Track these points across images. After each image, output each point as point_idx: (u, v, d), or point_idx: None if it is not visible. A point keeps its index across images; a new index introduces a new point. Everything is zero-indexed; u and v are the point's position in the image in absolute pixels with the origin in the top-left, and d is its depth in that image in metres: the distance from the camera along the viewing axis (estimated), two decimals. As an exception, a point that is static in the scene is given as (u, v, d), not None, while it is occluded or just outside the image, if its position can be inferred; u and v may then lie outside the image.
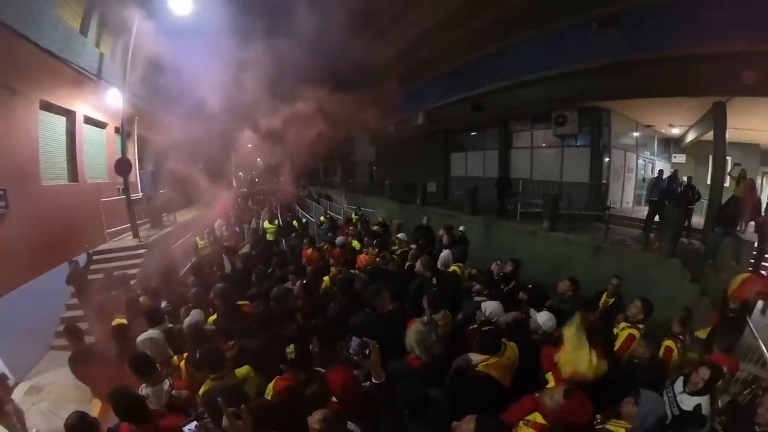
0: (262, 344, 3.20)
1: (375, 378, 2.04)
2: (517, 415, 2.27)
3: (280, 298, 3.93)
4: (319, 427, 1.81)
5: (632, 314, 3.81)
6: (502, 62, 14.31)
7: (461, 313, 3.82)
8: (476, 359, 2.65)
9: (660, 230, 8.51)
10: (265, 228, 10.89)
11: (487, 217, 12.01)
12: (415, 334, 2.59)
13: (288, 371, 2.46)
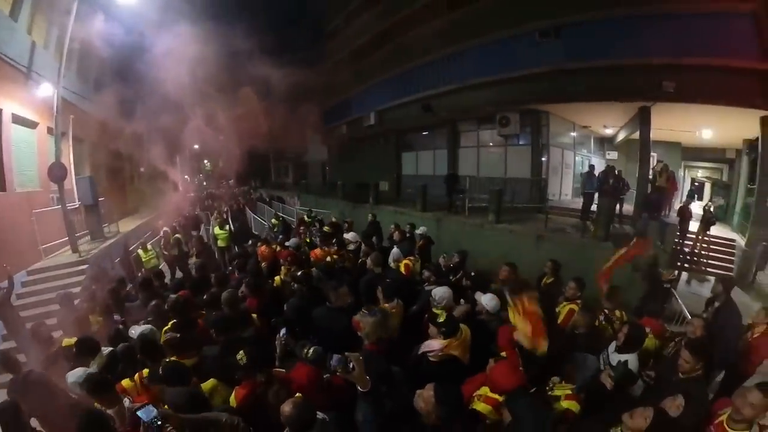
0: (221, 350, 3.12)
1: (361, 387, 2.02)
2: (470, 390, 2.43)
3: (232, 301, 3.80)
4: (289, 412, 1.90)
5: (569, 293, 4.20)
6: (451, 66, 14.99)
7: (417, 303, 4.01)
8: (439, 345, 2.80)
9: (595, 218, 9.39)
10: (216, 234, 10.26)
11: (437, 213, 12.37)
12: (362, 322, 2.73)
13: (245, 377, 2.45)
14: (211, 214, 18.50)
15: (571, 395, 2.45)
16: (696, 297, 7.69)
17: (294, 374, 2.44)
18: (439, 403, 1.91)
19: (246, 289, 4.23)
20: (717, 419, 2.32)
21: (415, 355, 2.89)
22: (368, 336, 2.75)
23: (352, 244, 7.09)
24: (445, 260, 5.81)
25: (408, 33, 16.80)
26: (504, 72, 12.91)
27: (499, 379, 2.21)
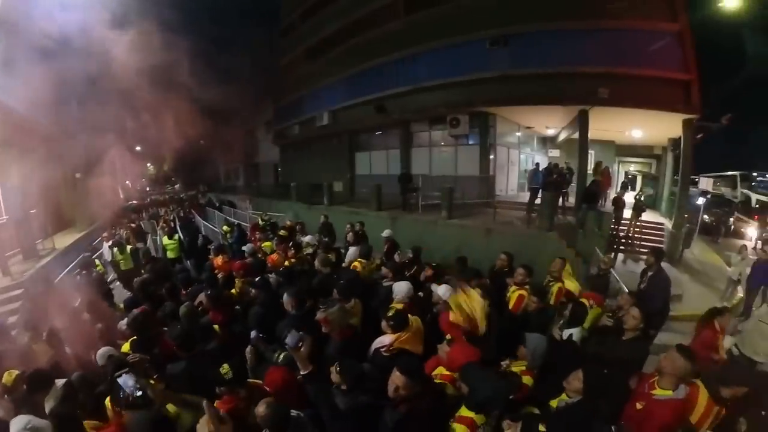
0: (186, 365, 2.93)
1: (302, 369, 2.31)
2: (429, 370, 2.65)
3: (190, 314, 3.68)
4: (263, 412, 1.97)
5: (518, 279, 4.46)
6: (405, 68, 15.26)
7: (375, 299, 4.11)
8: (390, 339, 2.91)
9: (539, 210, 10.09)
10: (165, 245, 9.37)
11: (392, 212, 12.50)
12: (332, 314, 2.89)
13: (227, 392, 2.39)
14: (158, 223, 17.15)
15: (525, 371, 2.66)
16: (631, 274, 8.71)
17: (268, 379, 2.49)
18: (405, 374, 2.06)
19: (207, 302, 3.99)
20: (650, 380, 2.53)
21: (372, 351, 2.99)
22: (334, 325, 2.91)
23: (310, 246, 6.93)
24: (400, 256, 6.02)
25: (364, 33, 16.85)
26: (456, 75, 13.56)
27: (457, 357, 2.49)
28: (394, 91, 15.43)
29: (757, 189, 18.48)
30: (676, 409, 2.35)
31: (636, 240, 11.47)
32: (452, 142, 14.90)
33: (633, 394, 2.54)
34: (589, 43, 11.27)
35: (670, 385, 2.39)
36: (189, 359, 2.95)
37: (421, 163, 15.46)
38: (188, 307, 3.74)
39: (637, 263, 10.20)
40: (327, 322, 2.98)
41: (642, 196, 12.48)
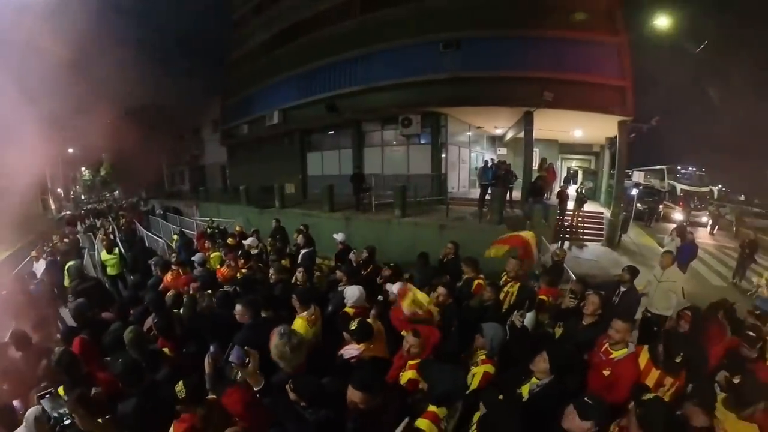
0: (138, 401, 2.54)
1: (254, 385, 2.19)
2: (394, 375, 2.74)
3: (138, 341, 3.17)
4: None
5: (467, 273, 4.77)
6: (357, 67, 15.10)
7: (330, 304, 4.07)
8: (356, 350, 2.91)
9: (489, 205, 10.58)
10: (104, 260, 8.19)
11: (345, 212, 12.30)
12: (274, 349, 2.59)
13: (184, 410, 2.25)
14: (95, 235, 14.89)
15: (486, 360, 2.75)
16: (576, 260, 10.15)
17: (226, 400, 2.27)
18: (360, 389, 2.01)
19: (156, 331, 3.48)
20: (603, 347, 2.91)
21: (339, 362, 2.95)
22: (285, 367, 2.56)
23: (253, 249, 6.69)
24: (355, 256, 6.01)
25: (318, 31, 16.47)
26: (409, 76, 13.72)
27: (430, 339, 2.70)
28: (346, 91, 15.26)
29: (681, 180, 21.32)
30: (636, 358, 2.80)
31: (579, 229, 12.62)
32: (404, 142, 14.99)
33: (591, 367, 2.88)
34: (536, 49, 12.10)
35: (622, 347, 2.80)
36: (139, 394, 2.57)
37: (373, 162, 15.37)
38: (134, 332, 3.21)
39: (581, 249, 11.57)
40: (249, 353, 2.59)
41: (583, 189, 13.73)
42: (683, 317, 3.70)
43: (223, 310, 3.84)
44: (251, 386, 2.25)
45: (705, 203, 19.72)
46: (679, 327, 3.67)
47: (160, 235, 14.20)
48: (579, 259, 10.50)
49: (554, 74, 11.81)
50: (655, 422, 1.96)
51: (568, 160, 19.74)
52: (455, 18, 12.94)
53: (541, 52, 12.01)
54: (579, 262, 10.14)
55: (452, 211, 11.42)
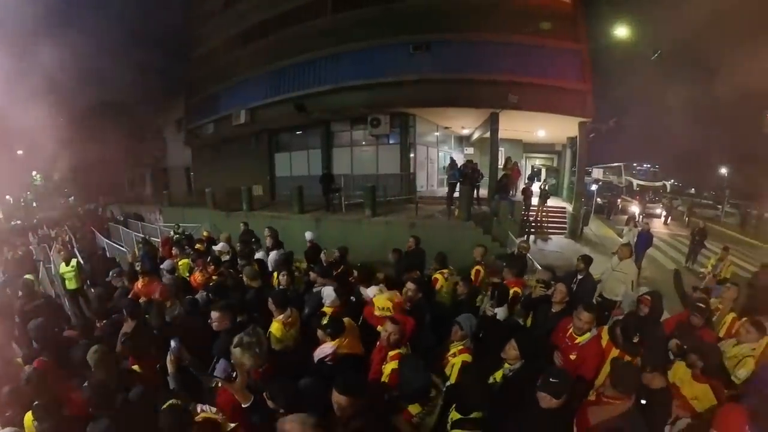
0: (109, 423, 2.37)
1: (242, 402, 2.11)
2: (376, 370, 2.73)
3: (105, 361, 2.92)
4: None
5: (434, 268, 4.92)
6: (327, 67, 14.91)
7: (306, 306, 4.02)
8: (331, 348, 2.89)
9: (458, 203, 10.94)
10: (62, 274, 7.59)
11: (315, 213, 12.22)
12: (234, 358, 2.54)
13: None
14: (50, 247, 13.67)
15: (463, 349, 2.88)
16: (541, 252, 10.87)
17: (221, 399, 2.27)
18: (344, 393, 1.97)
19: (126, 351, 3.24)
20: (567, 332, 3.11)
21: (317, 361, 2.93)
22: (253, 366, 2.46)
23: (224, 254, 6.41)
24: (326, 256, 5.96)
25: (288, 28, 16.09)
26: (378, 77, 13.77)
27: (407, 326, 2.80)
28: (315, 90, 15.02)
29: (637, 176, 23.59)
30: (599, 341, 3.04)
31: (543, 223, 13.35)
32: (373, 142, 15.01)
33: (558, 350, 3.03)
34: (502, 54, 12.72)
35: (583, 333, 3.01)
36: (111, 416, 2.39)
37: (342, 162, 15.31)
38: (99, 352, 2.95)
39: (546, 242, 12.31)
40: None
41: (546, 185, 14.41)
42: (643, 301, 4.00)
43: (194, 318, 3.74)
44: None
45: (659, 197, 21.81)
46: (639, 311, 3.95)
47: (121, 243, 13.42)
48: (544, 251, 11.13)
49: (519, 78, 12.45)
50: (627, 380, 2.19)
51: (532, 158, 20.76)
52: (425, 21, 13.20)
53: (507, 57, 12.65)
54: (544, 254, 10.76)
55: (421, 209, 11.68)
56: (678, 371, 2.73)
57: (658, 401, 2.40)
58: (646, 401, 2.28)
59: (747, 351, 3.12)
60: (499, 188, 11.45)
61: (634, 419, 2.14)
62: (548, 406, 2.06)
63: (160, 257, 7.34)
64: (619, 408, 2.17)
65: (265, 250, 6.67)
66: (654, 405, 2.36)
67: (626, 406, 2.16)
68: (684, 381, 2.66)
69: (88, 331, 3.89)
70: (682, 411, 2.53)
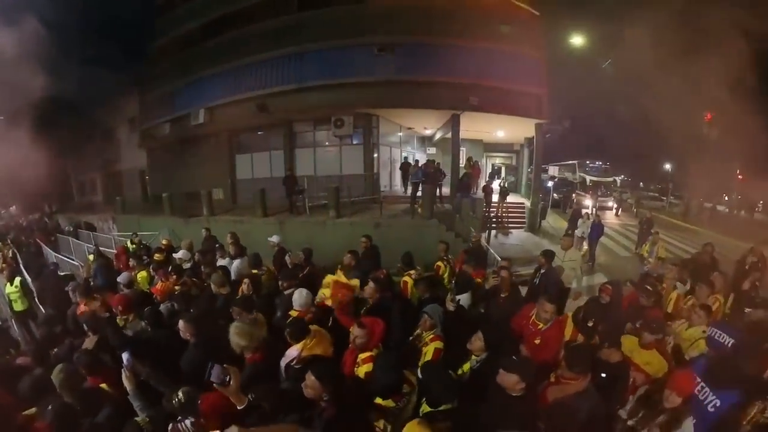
0: None
1: (237, 404, 2.12)
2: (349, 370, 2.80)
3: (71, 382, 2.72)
4: None
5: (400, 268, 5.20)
6: (290, 66, 14.64)
7: (278, 309, 4.01)
8: (297, 351, 2.91)
9: (421, 202, 11.27)
10: (8, 294, 6.90)
11: (279, 216, 12.03)
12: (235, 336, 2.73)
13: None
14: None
15: (434, 337, 3.05)
16: (502, 246, 11.52)
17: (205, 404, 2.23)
18: (320, 379, 2.06)
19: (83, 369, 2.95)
20: (530, 319, 3.37)
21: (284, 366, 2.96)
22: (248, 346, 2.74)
23: (186, 263, 6.22)
24: (291, 258, 5.93)
25: (251, 24, 15.54)
26: (342, 77, 13.79)
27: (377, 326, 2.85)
28: (278, 89, 14.73)
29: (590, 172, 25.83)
30: (561, 324, 3.37)
31: (504, 218, 14.22)
32: (337, 142, 14.96)
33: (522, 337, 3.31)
34: (465, 58, 13.16)
35: (545, 321, 3.27)
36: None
37: (305, 163, 15.08)
38: (64, 372, 2.72)
39: (507, 236, 13.16)
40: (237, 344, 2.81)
41: (506, 183, 15.75)
42: (604, 290, 4.43)
43: (156, 330, 3.58)
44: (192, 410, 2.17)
45: (610, 191, 24.07)
46: (601, 299, 4.34)
47: (72, 256, 12.49)
48: (505, 245, 11.76)
49: (480, 81, 13.13)
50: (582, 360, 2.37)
51: (492, 157, 21.95)
52: (391, 23, 13.42)
53: (469, 61, 13.14)
54: (505, 247, 11.35)
55: (386, 209, 11.85)
56: (626, 343, 3.02)
57: (617, 373, 2.68)
58: (606, 374, 2.49)
59: (698, 334, 3.46)
60: (460, 186, 11.85)
61: (588, 395, 2.32)
62: (501, 383, 2.21)
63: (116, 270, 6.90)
64: (575, 387, 2.35)
65: (229, 257, 6.45)
66: (614, 377, 2.61)
67: (582, 384, 2.34)
68: (633, 351, 2.99)
69: (40, 357, 3.56)
70: (638, 375, 2.85)
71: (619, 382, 2.66)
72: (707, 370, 2.56)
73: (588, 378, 2.36)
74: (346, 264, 5.43)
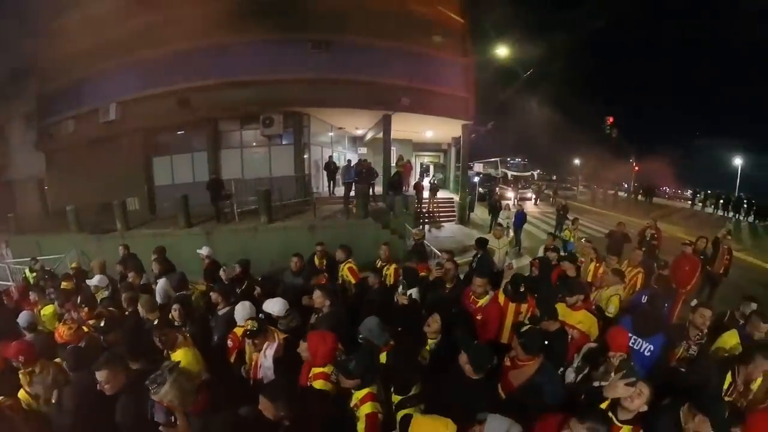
0: None
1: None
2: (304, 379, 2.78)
3: None
4: None
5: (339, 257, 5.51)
6: (214, 58, 13.51)
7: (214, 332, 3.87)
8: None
9: (355, 201, 11.56)
10: None
11: (205, 225, 11.19)
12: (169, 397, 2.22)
13: None
14: None
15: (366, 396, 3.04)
16: (436, 239, 12.22)
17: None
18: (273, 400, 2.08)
19: None
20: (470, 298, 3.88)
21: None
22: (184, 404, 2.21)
23: (103, 290, 5.47)
24: (226, 273, 5.37)
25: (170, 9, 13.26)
26: (273, 73, 13.19)
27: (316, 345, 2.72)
28: (201, 84, 13.53)
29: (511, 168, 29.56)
30: (497, 300, 3.74)
31: (435, 213, 15.33)
32: (265, 143, 14.35)
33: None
34: (398, 60, 13.72)
35: (484, 295, 3.80)
36: None
37: (232, 166, 14.22)
38: None
39: (439, 230, 14.12)
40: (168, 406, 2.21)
41: (435, 180, 17.19)
42: (534, 264, 5.33)
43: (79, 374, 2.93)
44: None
45: (529, 183, 27.26)
46: (531, 272, 5.22)
47: None
48: (438, 238, 12.59)
49: (411, 83, 13.69)
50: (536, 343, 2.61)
51: (421, 156, 23.26)
52: (326, 20, 13.10)
53: (402, 63, 13.69)
54: (439, 240, 12.16)
55: (320, 210, 11.81)
56: (560, 309, 3.42)
57: (557, 338, 3.05)
58: (548, 342, 2.78)
59: (612, 292, 4.39)
60: (392, 185, 12.33)
61: (548, 371, 2.62)
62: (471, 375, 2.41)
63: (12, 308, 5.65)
64: (533, 367, 2.60)
65: (154, 277, 5.80)
66: (555, 342, 2.95)
67: (538, 363, 2.60)
68: (566, 314, 3.44)
69: None
70: (574, 332, 3.36)
71: (558, 345, 3.01)
72: (634, 324, 3.20)
73: (541, 357, 2.63)
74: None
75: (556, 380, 2.70)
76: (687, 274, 5.51)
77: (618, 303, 4.26)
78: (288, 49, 13.31)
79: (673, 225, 15.59)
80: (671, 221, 16.78)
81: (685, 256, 6.04)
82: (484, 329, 3.50)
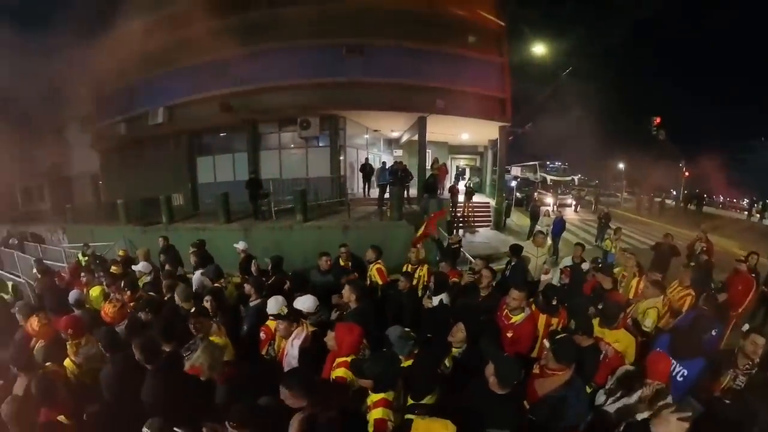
0: None
1: None
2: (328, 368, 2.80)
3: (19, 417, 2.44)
4: None
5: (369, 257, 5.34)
6: (255, 65, 14.05)
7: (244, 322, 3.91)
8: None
9: (389, 204, 11.46)
10: None
11: (244, 222, 11.55)
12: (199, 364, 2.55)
13: None
14: None
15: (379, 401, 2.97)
16: (470, 244, 11.84)
17: None
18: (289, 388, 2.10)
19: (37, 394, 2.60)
20: (503, 312, 3.53)
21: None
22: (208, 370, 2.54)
23: (146, 275, 5.74)
24: (257, 265, 5.62)
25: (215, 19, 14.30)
26: (309, 77, 13.62)
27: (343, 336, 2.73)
28: (242, 89, 14.19)
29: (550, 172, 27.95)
30: (533, 319, 3.45)
31: (470, 217, 14.82)
32: (303, 144, 14.67)
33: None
34: (432, 62, 13.60)
35: (519, 312, 3.41)
36: None
37: (270, 166, 14.71)
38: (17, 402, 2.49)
39: (473, 235, 13.73)
40: (198, 371, 2.53)
41: (471, 183, 15.82)
42: (564, 272, 4.92)
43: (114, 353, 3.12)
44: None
45: (569, 189, 25.59)
46: (561, 280, 4.83)
47: (17, 272, 11.32)
48: (473, 243, 12.21)
49: (446, 85, 13.56)
50: (569, 353, 2.45)
51: (457, 159, 22.66)
52: (360, 25, 13.44)
53: (436, 65, 13.56)
54: (473, 245, 11.78)
55: (354, 211, 11.83)
56: (597, 326, 3.22)
57: (588, 356, 2.85)
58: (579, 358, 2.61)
59: (651, 304, 3.96)
60: (427, 188, 12.15)
61: (576, 385, 2.45)
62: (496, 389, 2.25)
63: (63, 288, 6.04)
64: (562, 378, 2.44)
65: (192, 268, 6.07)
66: (586, 359, 2.77)
67: (568, 375, 2.44)
68: (603, 331, 3.21)
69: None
70: (609, 349, 3.08)
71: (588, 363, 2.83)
72: (671, 344, 2.93)
73: (572, 368, 2.46)
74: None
75: (584, 398, 2.51)
76: (739, 294, 4.98)
77: (656, 316, 3.87)
78: (323, 55, 13.70)
79: (726, 238, 13.84)
80: (724, 234, 14.80)
81: (738, 273, 5.38)
82: (513, 348, 3.19)
